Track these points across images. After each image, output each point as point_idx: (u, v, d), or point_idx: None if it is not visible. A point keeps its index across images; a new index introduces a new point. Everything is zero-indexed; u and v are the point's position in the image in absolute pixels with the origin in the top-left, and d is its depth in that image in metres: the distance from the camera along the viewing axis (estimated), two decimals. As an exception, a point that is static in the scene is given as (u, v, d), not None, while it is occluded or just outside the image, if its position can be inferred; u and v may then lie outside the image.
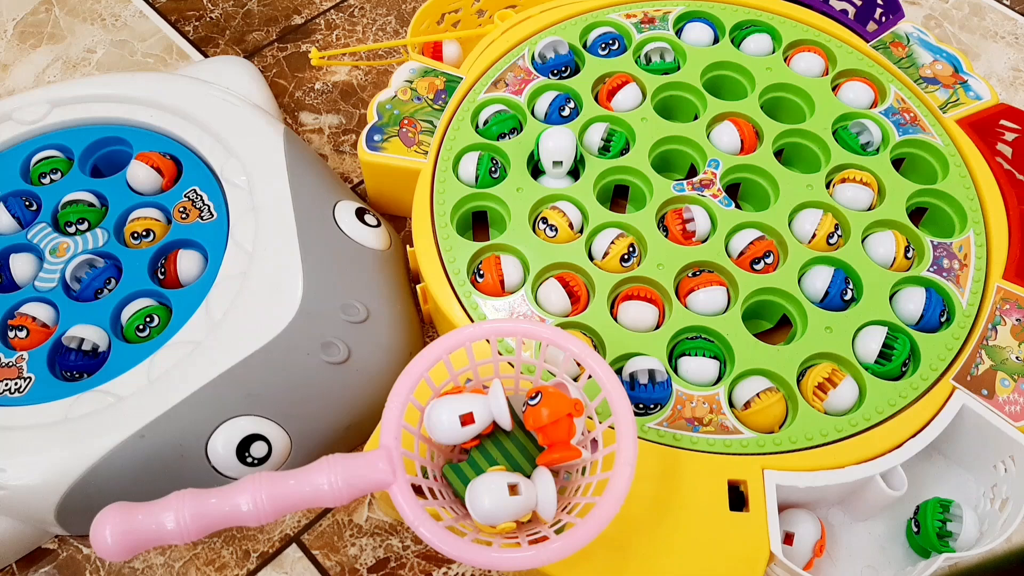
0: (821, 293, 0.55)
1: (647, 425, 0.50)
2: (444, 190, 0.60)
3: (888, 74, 0.67)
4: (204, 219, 0.57)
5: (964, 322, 0.54)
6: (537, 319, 0.54)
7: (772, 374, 0.52)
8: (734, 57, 0.67)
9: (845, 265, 0.56)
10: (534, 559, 0.39)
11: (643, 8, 0.71)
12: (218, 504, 0.39)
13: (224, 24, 0.83)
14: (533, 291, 0.56)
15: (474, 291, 0.56)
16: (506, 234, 0.58)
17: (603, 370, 0.44)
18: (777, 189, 0.60)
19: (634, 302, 0.55)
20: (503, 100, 0.65)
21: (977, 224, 0.59)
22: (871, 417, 0.50)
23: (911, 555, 0.52)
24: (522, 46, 0.68)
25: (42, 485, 0.47)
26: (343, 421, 0.53)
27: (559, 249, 0.57)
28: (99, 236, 0.57)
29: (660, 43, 0.69)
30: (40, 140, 0.62)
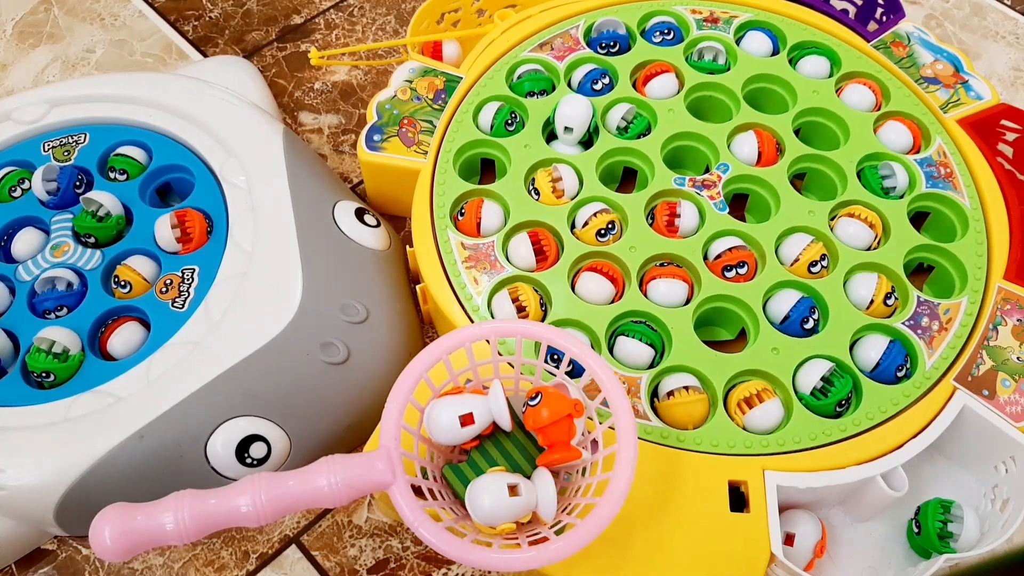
0: (782, 315, 0.55)
1: (644, 423, 0.50)
2: (444, 191, 0.60)
3: (937, 123, 0.64)
4: (175, 307, 0.53)
5: (961, 332, 0.54)
6: (499, 265, 0.56)
7: (702, 376, 0.52)
8: (784, 73, 0.66)
9: (816, 295, 0.55)
10: (534, 560, 0.39)
11: (711, 7, 0.71)
12: (217, 505, 0.39)
13: (223, 24, 0.83)
14: (505, 240, 0.58)
15: (451, 227, 0.58)
16: (498, 183, 0.60)
17: (603, 371, 0.44)
18: (779, 206, 0.60)
19: (594, 275, 0.56)
20: (542, 61, 0.67)
21: (978, 223, 0.59)
22: (872, 418, 0.50)
23: (912, 556, 0.51)
24: (576, 19, 0.70)
25: (41, 486, 0.47)
26: (343, 421, 0.53)
27: (542, 208, 0.59)
28: (95, 258, 0.56)
29: (716, 44, 0.68)
30: (41, 140, 0.62)
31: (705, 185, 0.60)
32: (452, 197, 0.59)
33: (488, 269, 0.56)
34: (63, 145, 0.61)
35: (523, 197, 0.60)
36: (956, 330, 0.54)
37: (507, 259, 0.57)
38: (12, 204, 0.59)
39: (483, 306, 0.55)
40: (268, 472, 0.40)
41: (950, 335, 0.54)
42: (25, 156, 0.61)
